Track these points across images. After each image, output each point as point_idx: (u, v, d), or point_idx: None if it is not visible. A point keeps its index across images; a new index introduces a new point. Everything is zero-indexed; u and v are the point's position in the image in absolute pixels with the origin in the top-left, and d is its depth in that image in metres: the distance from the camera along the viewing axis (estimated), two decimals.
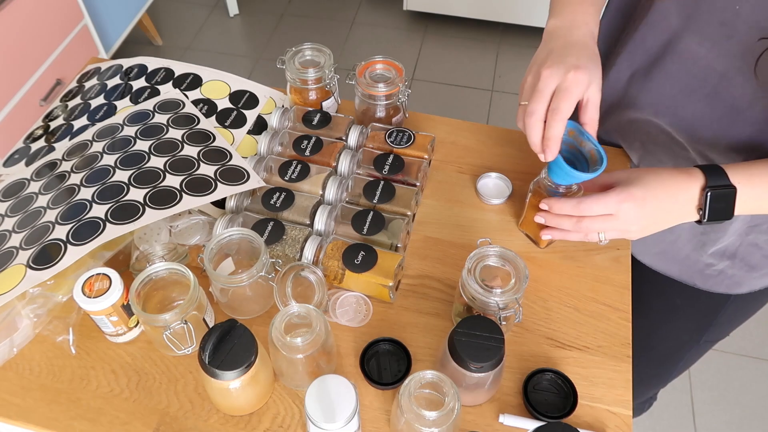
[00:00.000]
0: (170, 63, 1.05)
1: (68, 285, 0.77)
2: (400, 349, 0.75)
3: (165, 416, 0.71)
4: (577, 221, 0.72)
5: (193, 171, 0.83)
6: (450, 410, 0.60)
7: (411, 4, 2.55)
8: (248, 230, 0.75)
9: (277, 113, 0.95)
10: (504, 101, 2.33)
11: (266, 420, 0.71)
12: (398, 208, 0.85)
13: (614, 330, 0.78)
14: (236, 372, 0.63)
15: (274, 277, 0.75)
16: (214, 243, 0.74)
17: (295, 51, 0.97)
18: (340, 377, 0.64)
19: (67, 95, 1.04)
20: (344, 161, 0.89)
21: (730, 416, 1.57)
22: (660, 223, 0.72)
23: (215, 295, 0.78)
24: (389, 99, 0.93)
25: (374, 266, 0.77)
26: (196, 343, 0.72)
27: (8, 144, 0.99)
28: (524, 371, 0.74)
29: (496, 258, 0.72)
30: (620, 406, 0.72)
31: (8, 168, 0.91)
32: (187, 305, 0.69)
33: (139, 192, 0.79)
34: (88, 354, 0.76)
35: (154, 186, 0.80)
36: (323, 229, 0.82)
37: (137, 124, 0.91)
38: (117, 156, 0.84)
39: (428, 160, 0.92)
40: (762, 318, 0.94)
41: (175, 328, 0.69)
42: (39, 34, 1.78)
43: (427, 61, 2.50)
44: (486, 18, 2.50)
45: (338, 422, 0.61)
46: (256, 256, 0.73)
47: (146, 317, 0.68)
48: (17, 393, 0.73)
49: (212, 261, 0.73)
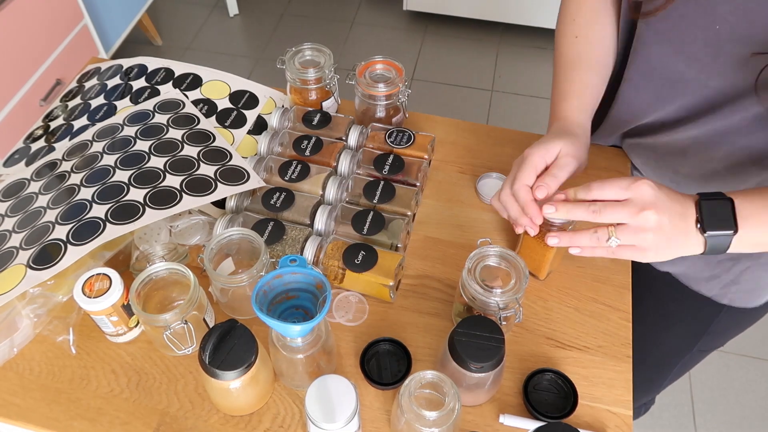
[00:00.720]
0: (170, 63, 1.05)
1: (68, 285, 0.77)
2: (400, 349, 0.75)
3: (165, 416, 0.71)
4: (593, 211, 0.64)
5: (193, 171, 0.83)
6: (450, 410, 0.60)
7: (411, 4, 2.55)
8: (248, 230, 0.75)
9: (277, 113, 0.95)
10: (504, 101, 2.33)
11: (266, 420, 0.71)
12: (398, 208, 0.85)
13: (614, 330, 0.78)
14: (236, 372, 0.63)
15: None
16: (214, 243, 0.74)
17: (295, 51, 0.97)
18: (340, 377, 0.64)
19: (67, 95, 1.04)
20: (344, 161, 0.89)
21: (730, 416, 1.58)
22: (670, 226, 0.63)
23: (215, 295, 0.78)
24: (389, 99, 0.93)
25: (374, 266, 0.77)
26: (197, 343, 0.72)
27: (8, 144, 0.99)
28: (524, 371, 0.74)
29: (497, 258, 0.72)
30: (620, 406, 0.72)
31: (8, 168, 0.91)
32: (187, 305, 0.69)
33: (140, 192, 0.79)
34: (88, 354, 0.76)
35: (154, 186, 0.80)
36: (323, 229, 0.82)
37: (137, 124, 0.91)
38: (117, 156, 0.85)
39: (428, 160, 0.92)
40: (762, 318, 0.94)
41: (176, 328, 0.69)
42: (39, 34, 1.78)
43: (427, 61, 2.50)
44: (486, 18, 2.50)
45: (338, 422, 0.61)
46: (256, 256, 0.73)
47: (146, 317, 0.68)
48: (17, 393, 0.73)
49: (212, 261, 0.73)
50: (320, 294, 0.67)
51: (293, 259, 0.68)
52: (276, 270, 0.67)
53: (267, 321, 0.61)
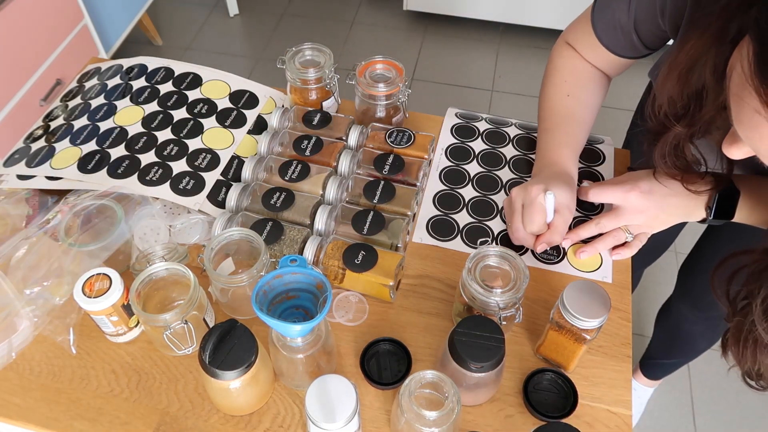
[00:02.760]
0: (170, 63, 1.05)
1: (66, 287, 0.77)
2: (400, 348, 0.75)
3: (165, 416, 0.71)
4: (596, 224, 0.80)
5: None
6: (450, 410, 0.60)
7: (411, 4, 2.55)
8: (248, 230, 0.75)
9: (277, 113, 0.95)
10: (504, 101, 2.33)
11: (266, 420, 0.71)
12: (398, 208, 0.85)
13: (614, 330, 0.78)
14: (236, 372, 0.63)
15: None
16: (214, 243, 0.74)
17: (295, 51, 0.97)
18: (340, 377, 0.64)
19: (67, 95, 1.04)
20: (344, 161, 0.89)
21: (730, 416, 1.57)
22: (666, 215, 0.78)
23: (215, 295, 0.78)
24: (389, 99, 0.93)
25: (374, 266, 0.77)
26: (197, 343, 0.72)
27: (8, 144, 0.99)
28: (524, 371, 0.74)
29: (497, 258, 0.72)
30: (620, 406, 0.72)
31: (8, 168, 0.91)
32: (187, 305, 0.69)
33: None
34: (89, 354, 0.76)
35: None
36: (323, 229, 0.82)
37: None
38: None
39: (428, 160, 0.92)
40: None
41: (176, 328, 0.69)
42: (39, 34, 1.78)
43: (427, 61, 2.50)
44: (486, 18, 2.50)
45: (338, 422, 0.61)
46: (256, 256, 0.73)
47: (146, 317, 0.68)
48: (17, 393, 0.73)
49: (212, 261, 0.73)
50: (320, 294, 0.67)
51: (293, 259, 0.68)
52: (276, 270, 0.67)
53: (267, 321, 0.61)
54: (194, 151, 0.91)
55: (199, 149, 0.91)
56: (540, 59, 2.46)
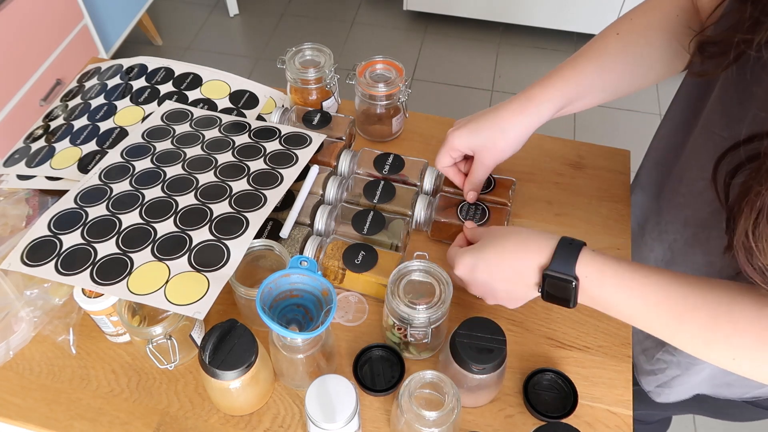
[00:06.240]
0: (170, 63, 1.05)
1: (66, 288, 0.77)
2: (393, 354, 0.75)
3: (165, 416, 0.71)
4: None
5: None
6: (450, 410, 0.60)
7: (411, 4, 2.55)
8: (270, 241, 0.75)
9: (277, 113, 0.95)
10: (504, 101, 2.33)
11: (266, 420, 0.71)
12: (398, 208, 0.85)
13: (614, 330, 0.78)
14: (236, 372, 0.63)
15: None
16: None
17: (295, 51, 0.97)
18: (341, 377, 0.64)
19: (67, 95, 1.04)
20: (344, 161, 0.89)
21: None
22: (505, 277, 0.66)
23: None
24: (389, 99, 0.93)
25: (375, 266, 0.77)
26: (179, 359, 0.71)
27: (8, 144, 0.99)
28: (524, 371, 0.74)
29: (420, 273, 0.70)
30: (620, 406, 0.72)
31: (8, 168, 0.91)
32: (173, 320, 0.68)
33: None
34: (88, 354, 0.76)
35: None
36: (323, 229, 0.82)
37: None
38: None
39: (426, 161, 0.92)
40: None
41: (159, 342, 0.68)
42: (39, 34, 1.78)
43: (427, 61, 2.50)
44: (486, 18, 2.50)
45: (338, 422, 0.61)
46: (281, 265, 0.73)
47: (131, 328, 0.68)
48: (17, 393, 0.73)
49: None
50: (324, 299, 0.67)
51: (304, 260, 0.68)
52: (284, 269, 0.67)
53: (270, 324, 0.61)
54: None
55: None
56: (540, 59, 2.46)
